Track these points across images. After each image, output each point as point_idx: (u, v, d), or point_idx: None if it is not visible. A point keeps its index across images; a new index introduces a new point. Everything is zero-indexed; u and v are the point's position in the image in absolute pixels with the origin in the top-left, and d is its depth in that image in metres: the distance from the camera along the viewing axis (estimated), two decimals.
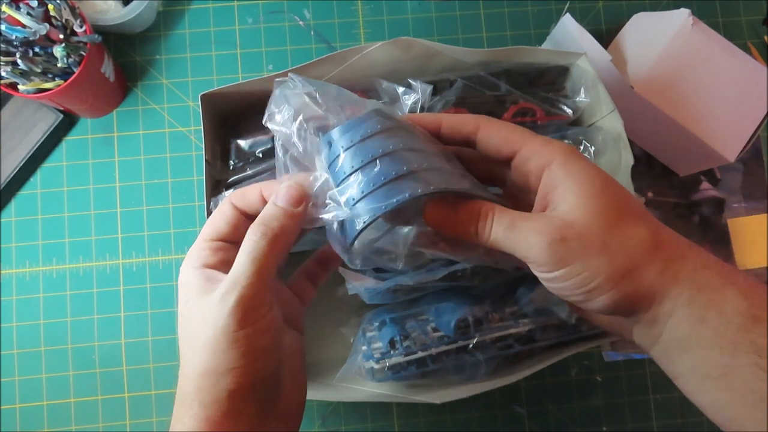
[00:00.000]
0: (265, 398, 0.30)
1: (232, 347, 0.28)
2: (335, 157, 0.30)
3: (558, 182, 0.30)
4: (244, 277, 0.28)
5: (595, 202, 0.28)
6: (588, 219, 0.28)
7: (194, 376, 0.28)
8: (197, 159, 0.58)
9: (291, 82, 0.33)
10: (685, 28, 0.51)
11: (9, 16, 0.46)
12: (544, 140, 0.31)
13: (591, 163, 0.31)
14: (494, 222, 0.30)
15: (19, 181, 0.56)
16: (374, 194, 0.29)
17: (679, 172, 0.59)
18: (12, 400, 0.54)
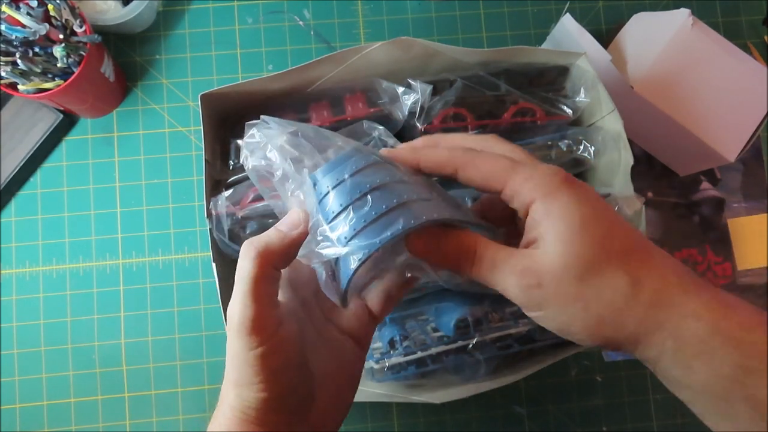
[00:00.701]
0: (294, 410, 0.31)
1: (245, 366, 0.29)
2: (323, 196, 0.30)
3: (539, 221, 0.29)
4: (238, 300, 0.29)
5: (572, 245, 0.27)
6: (564, 264, 0.27)
7: (227, 385, 0.31)
8: (197, 159, 0.58)
9: (264, 123, 0.33)
10: (685, 28, 0.51)
11: (9, 16, 0.46)
12: (526, 175, 0.29)
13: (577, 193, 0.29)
14: (476, 259, 0.29)
15: (19, 181, 0.56)
16: (367, 230, 0.28)
17: (679, 172, 0.59)
18: (12, 400, 0.54)
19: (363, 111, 0.46)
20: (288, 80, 0.45)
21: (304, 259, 0.31)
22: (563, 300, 0.27)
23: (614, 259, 0.27)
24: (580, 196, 0.29)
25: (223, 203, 0.43)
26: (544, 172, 0.30)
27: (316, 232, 0.30)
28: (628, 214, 0.44)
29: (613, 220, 0.29)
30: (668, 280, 0.27)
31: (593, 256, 0.27)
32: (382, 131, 0.38)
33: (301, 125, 0.33)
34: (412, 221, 0.28)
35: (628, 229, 0.29)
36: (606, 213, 0.29)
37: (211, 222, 0.43)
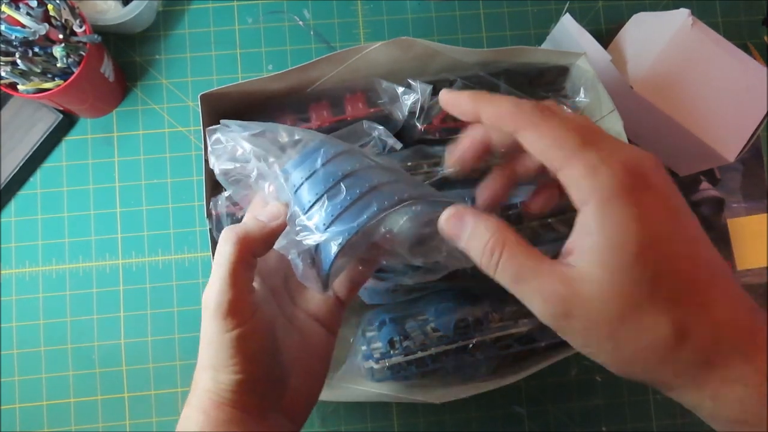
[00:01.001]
0: (268, 393, 0.32)
1: (221, 349, 0.30)
2: (297, 188, 0.31)
3: (589, 231, 0.24)
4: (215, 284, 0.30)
5: (618, 279, 0.23)
6: (602, 299, 0.23)
7: (201, 368, 0.31)
8: (197, 159, 0.58)
9: (225, 127, 0.33)
10: (684, 28, 0.51)
11: (9, 16, 0.46)
12: (592, 164, 0.24)
13: (646, 206, 0.24)
14: (500, 265, 0.26)
15: (19, 181, 0.56)
16: (344, 216, 0.29)
17: (679, 172, 0.59)
18: (12, 400, 0.54)
19: (363, 111, 0.46)
20: (288, 80, 0.45)
21: (283, 250, 0.32)
22: (594, 335, 0.24)
23: (662, 302, 0.23)
24: (649, 211, 0.24)
25: (223, 203, 0.43)
26: (615, 167, 0.24)
27: (294, 222, 0.31)
28: None
29: (678, 250, 0.24)
30: (722, 335, 0.23)
31: (640, 294, 0.23)
32: (382, 131, 0.38)
33: (264, 124, 0.33)
34: (385, 203, 0.29)
35: (694, 260, 0.24)
36: (674, 237, 0.24)
37: (211, 222, 0.43)
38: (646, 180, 0.24)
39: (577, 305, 0.24)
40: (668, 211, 0.24)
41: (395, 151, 0.39)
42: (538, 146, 0.26)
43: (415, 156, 0.45)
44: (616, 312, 0.23)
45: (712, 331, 0.23)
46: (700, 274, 0.24)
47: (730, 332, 0.23)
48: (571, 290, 0.24)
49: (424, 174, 0.44)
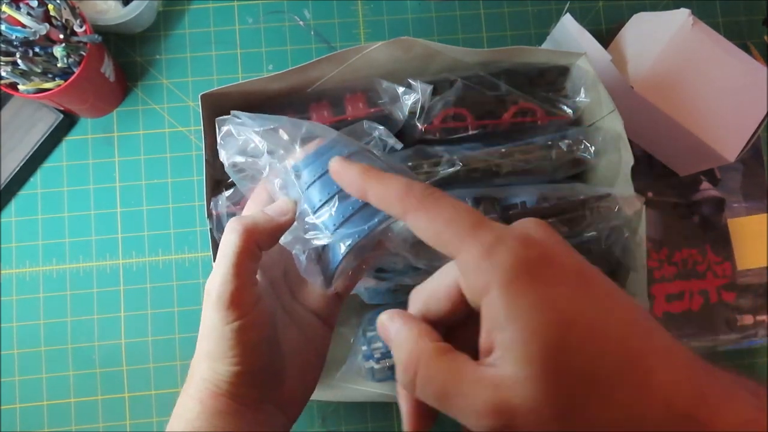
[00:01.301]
0: (265, 384, 0.32)
1: (221, 340, 0.30)
2: (308, 186, 0.31)
3: (499, 327, 0.21)
4: (219, 273, 0.30)
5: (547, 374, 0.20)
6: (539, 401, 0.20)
7: (198, 357, 0.31)
8: (197, 159, 0.58)
9: (234, 119, 0.33)
10: (685, 28, 0.51)
11: (9, 16, 0.46)
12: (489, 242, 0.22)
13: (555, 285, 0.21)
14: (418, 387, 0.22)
15: (19, 181, 0.56)
16: (354, 218, 0.29)
17: (679, 172, 0.59)
18: (12, 400, 0.54)
19: (363, 111, 0.46)
20: (288, 80, 0.45)
21: (288, 245, 0.32)
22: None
23: (603, 388, 0.21)
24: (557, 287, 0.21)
25: (223, 203, 0.43)
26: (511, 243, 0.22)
27: (303, 220, 0.31)
28: (628, 214, 0.44)
29: (600, 324, 0.21)
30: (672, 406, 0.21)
31: (576, 386, 0.20)
32: (383, 131, 0.38)
33: (276, 118, 0.33)
34: None
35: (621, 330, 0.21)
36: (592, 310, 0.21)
37: (211, 222, 0.43)
38: (545, 251, 0.22)
39: (514, 414, 0.20)
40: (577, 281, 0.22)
41: (396, 151, 0.39)
42: (430, 230, 0.23)
43: (415, 156, 0.45)
44: (557, 413, 0.20)
45: (661, 402, 0.21)
46: (633, 342, 0.21)
47: (680, 399, 0.21)
48: (503, 399, 0.21)
49: (424, 174, 0.44)
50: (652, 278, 0.58)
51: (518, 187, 0.47)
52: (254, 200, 0.35)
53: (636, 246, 0.45)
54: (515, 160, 0.46)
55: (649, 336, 0.22)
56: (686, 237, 0.59)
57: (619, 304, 0.22)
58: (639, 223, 0.45)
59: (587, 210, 0.45)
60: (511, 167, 0.46)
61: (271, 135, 0.32)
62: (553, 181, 0.48)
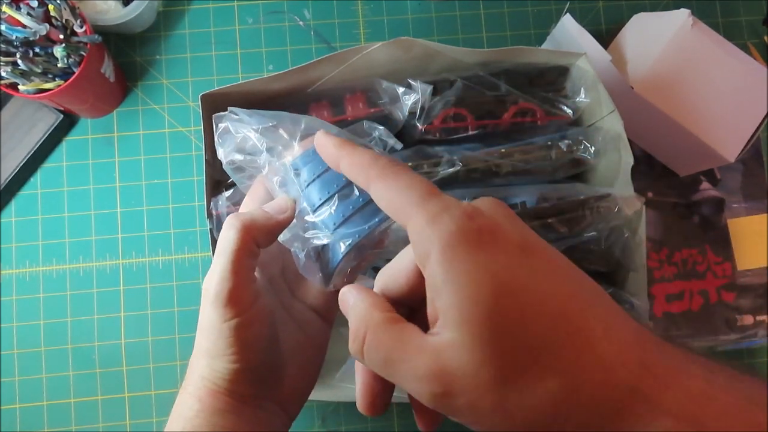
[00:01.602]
0: (264, 381, 0.32)
1: (219, 337, 0.30)
2: (308, 184, 0.30)
3: (438, 288, 0.21)
4: (217, 271, 0.29)
5: (484, 338, 0.20)
6: (475, 364, 0.20)
7: (197, 355, 0.31)
8: (197, 159, 0.58)
9: (232, 115, 0.33)
10: (685, 28, 0.51)
11: (9, 16, 0.46)
12: (436, 210, 0.22)
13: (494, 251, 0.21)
14: (365, 353, 0.23)
15: (19, 181, 0.56)
16: (354, 217, 0.29)
17: (679, 172, 0.59)
18: (12, 400, 0.54)
19: (363, 111, 0.46)
20: (288, 80, 0.45)
21: (286, 243, 0.32)
22: (480, 411, 0.21)
23: (540, 353, 0.20)
24: (498, 253, 0.21)
25: (223, 203, 0.43)
26: (457, 213, 0.22)
27: (302, 218, 0.30)
28: (628, 214, 0.44)
29: (543, 289, 0.21)
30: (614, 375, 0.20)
31: (512, 350, 0.20)
32: (383, 131, 0.38)
33: (274, 113, 0.33)
34: None
35: (564, 297, 0.21)
36: (535, 275, 0.21)
37: (211, 222, 0.43)
38: (491, 223, 0.22)
39: (453, 380, 0.20)
40: (520, 252, 0.22)
41: (396, 151, 0.39)
42: (385, 197, 0.24)
43: (415, 156, 0.45)
44: (494, 377, 0.20)
45: (602, 370, 0.20)
46: (573, 307, 0.21)
47: (623, 369, 0.20)
48: (442, 364, 0.21)
49: (424, 174, 0.44)
50: (652, 278, 0.58)
51: (518, 187, 0.47)
52: (251, 197, 0.35)
53: (636, 246, 0.45)
54: (515, 160, 0.46)
55: (593, 307, 0.22)
56: (686, 237, 0.59)
57: (564, 277, 0.22)
58: (639, 223, 0.45)
59: (587, 210, 0.45)
60: (510, 167, 0.46)
61: (269, 132, 0.32)
62: (553, 181, 0.48)
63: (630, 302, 0.46)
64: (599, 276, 0.49)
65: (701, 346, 0.58)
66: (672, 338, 0.57)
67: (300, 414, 0.35)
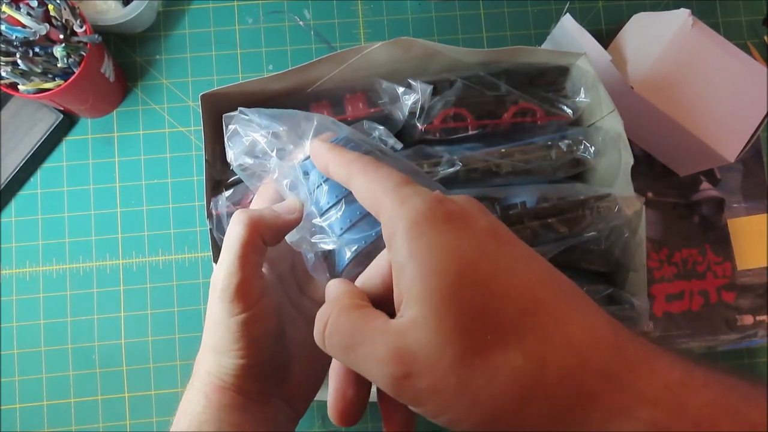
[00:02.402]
0: (271, 378, 0.32)
1: (226, 333, 0.29)
2: (316, 187, 0.30)
3: (400, 266, 0.21)
4: (224, 265, 0.29)
5: (446, 313, 0.19)
6: (437, 343, 0.19)
7: (204, 351, 0.31)
8: (197, 159, 0.58)
9: (242, 116, 0.32)
10: (685, 28, 0.51)
11: (9, 16, 0.46)
12: (405, 195, 0.22)
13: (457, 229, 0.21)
14: (326, 338, 0.22)
15: (19, 181, 0.56)
16: (361, 222, 0.29)
17: (679, 172, 0.59)
18: (12, 400, 0.54)
19: (363, 111, 0.46)
20: (288, 80, 0.45)
21: (295, 245, 0.31)
22: (444, 395, 0.20)
23: (506, 331, 0.19)
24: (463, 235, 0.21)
25: (223, 203, 0.43)
26: (426, 197, 0.22)
27: (310, 221, 0.30)
28: (628, 214, 0.44)
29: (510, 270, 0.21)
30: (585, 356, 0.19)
31: (477, 328, 0.19)
32: (383, 131, 0.38)
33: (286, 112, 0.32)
34: None
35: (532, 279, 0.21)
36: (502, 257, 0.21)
37: (211, 222, 0.43)
38: (461, 210, 0.22)
39: (415, 360, 0.19)
40: (488, 236, 0.21)
41: (396, 151, 0.39)
42: (363, 189, 0.24)
43: (415, 156, 0.45)
44: (458, 355, 0.19)
45: (571, 353, 0.19)
46: (542, 293, 0.20)
47: (594, 352, 0.20)
48: (404, 343, 0.20)
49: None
50: (652, 278, 0.58)
51: (518, 187, 0.47)
52: (261, 196, 0.35)
53: (636, 246, 0.45)
54: (515, 160, 0.46)
55: (565, 296, 0.21)
56: (686, 237, 0.59)
57: (536, 265, 0.22)
58: (639, 223, 0.45)
59: (587, 210, 0.45)
60: (510, 167, 0.46)
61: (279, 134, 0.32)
62: (553, 181, 0.48)
63: (630, 302, 0.46)
64: (599, 276, 0.49)
65: (701, 346, 0.58)
66: (671, 338, 0.57)
67: None
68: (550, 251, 0.44)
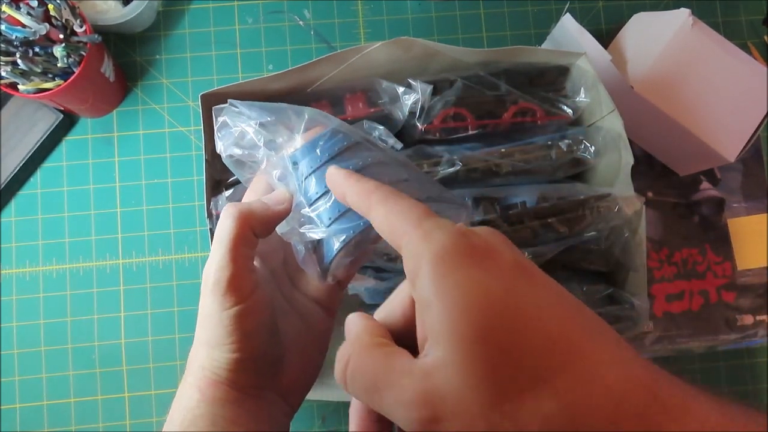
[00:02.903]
0: (264, 372, 0.32)
1: (219, 326, 0.29)
2: (304, 177, 0.30)
3: (426, 303, 0.20)
4: (215, 259, 0.30)
5: (476, 356, 0.19)
6: (466, 386, 0.19)
7: (197, 346, 0.31)
8: (197, 159, 0.58)
9: (231, 108, 0.33)
10: (685, 28, 0.51)
11: (9, 16, 0.46)
12: (424, 233, 0.21)
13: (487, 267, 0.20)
14: (348, 380, 0.22)
15: (19, 181, 0.56)
16: (350, 212, 0.28)
17: (679, 172, 0.59)
18: (12, 400, 0.54)
19: (363, 111, 0.46)
20: (288, 80, 0.45)
21: (285, 236, 0.31)
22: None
23: (537, 374, 0.19)
24: (493, 272, 0.20)
25: (223, 203, 0.43)
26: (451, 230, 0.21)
27: (299, 212, 0.30)
28: (628, 214, 0.44)
29: (543, 313, 0.20)
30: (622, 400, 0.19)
31: (507, 371, 0.19)
32: (383, 131, 0.38)
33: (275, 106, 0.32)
34: None
35: (565, 321, 0.20)
36: (534, 298, 0.20)
37: (211, 222, 0.43)
38: (485, 243, 0.21)
39: (443, 403, 0.19)
40: (514, 272, 0.21)
41: (396, 151, 0.39)
42: (384, 221, 0.24)
43: (415, 156, 0.45)
44: (488, 399, 0.18)
45: (606, 395, 0.19)
46: (572, 331, 0.20)
47: (630, 395, 0.19)
48: (430, 386, 0.19)
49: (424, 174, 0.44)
50: (652, 278, 0.58)
51: (518, 187, 0.47)
52: (253, 189, 0.35)
53: (636, 246, 0.45)
54: (515, 160, 0.46)
55: (596, 333, 0.20)
56: (686, 237, 0.59)
57: (564, 300, 0.21)
58: (639, 223, 0.45)
59: (587, 210, 0.45)
60: (510, 167, 0.46)
61: (268, 126, 0.32)
62: (553, 181, 0.48)
63: (630, 302, 0.46)
64: (599, 276, 0.49)
65: (701, 345, 0.58)
66: (671, 338, 0.57)
67: (300, 414, 0.35)
68: (550, 251, 0.44)
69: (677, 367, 0.59)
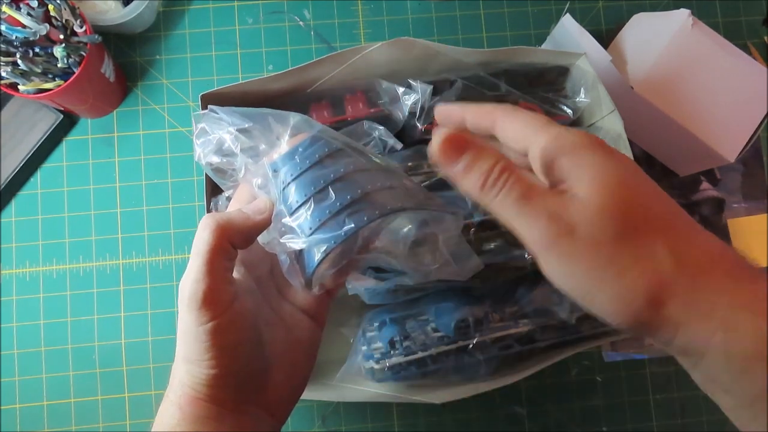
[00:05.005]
0: (245, 387, 0.31)
1: (195, 342, 0.29)
2: (285, 186, 0.29)
3: (566, 174, 0.25)
4: (191, 272, 0.29)
5: (610, 198, 0.24)
6: (602, 216, 0.24)
7: (177, 361, 0.31)
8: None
9: (211, 114, 0.32)
10: (685, 28, 0.51)
11: (9, 16, 0.46)
12: (556, 133, 0.26)
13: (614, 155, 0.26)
14: (508, 186, 0.25)
15: (19, 181, 0.56)
16: (330, 222, 0.28)
17: (679, 172, 0.59)
18: (12, 400, 0.54)
19: (363, 111, 0.46)
20: (288, 80, 0.45)
21: (267, 246, 0.31)
22: (595, 258, 0.24)
23: (654, 228, 0.24)
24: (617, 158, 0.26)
25: (223, 203, 0.43)
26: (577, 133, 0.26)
27: (280, 221, 0.29)
28: None
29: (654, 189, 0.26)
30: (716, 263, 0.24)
31: (632, 217, 0.24)
32: (383, 131, 0.38)
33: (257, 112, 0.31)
34: (376, 212, 0.28)
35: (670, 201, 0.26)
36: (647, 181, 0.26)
37: None
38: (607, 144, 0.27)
39: (580, 222, 0.24)
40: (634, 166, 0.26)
41: (395, 151, 0.39)
42: (510, 131, 0.28)
43: (415, 156, 0.45)
44: (617, 230, 0.24)
45: (706, 257, 0.24)
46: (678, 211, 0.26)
47: (724, 261, 0.24)
48: (572, 210, 0.24)
49: (424, 174, 0.44)
50: None
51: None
52: (237, 199, 0.34)
53: None
54: None
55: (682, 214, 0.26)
56: None
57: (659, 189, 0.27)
58: None
59: None
60: None
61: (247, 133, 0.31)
62: None
63: None
64: None
65: None
66: None
67: (300, 414, 0.35)
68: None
69: (677, 366, 0.59)
